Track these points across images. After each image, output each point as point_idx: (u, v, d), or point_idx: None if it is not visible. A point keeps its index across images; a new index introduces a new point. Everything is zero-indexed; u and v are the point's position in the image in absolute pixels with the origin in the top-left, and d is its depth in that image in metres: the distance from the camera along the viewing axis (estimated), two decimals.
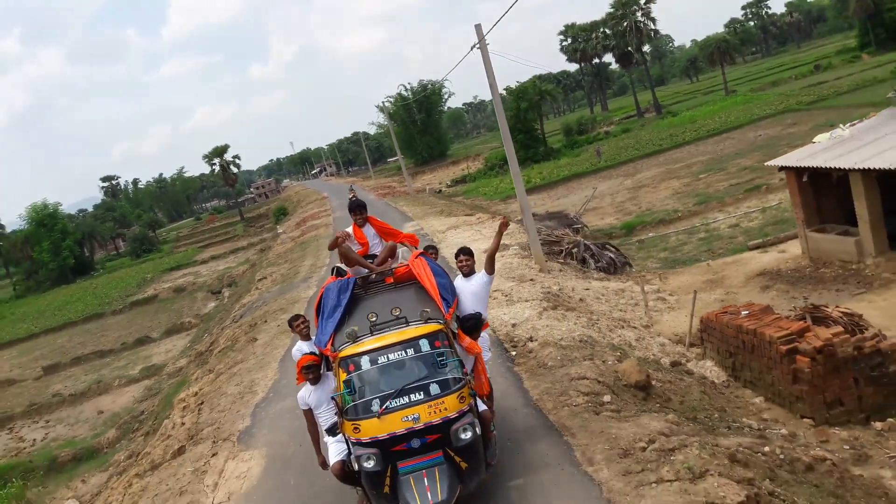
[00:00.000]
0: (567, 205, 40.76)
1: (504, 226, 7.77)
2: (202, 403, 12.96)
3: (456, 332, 6.82)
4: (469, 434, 5.93)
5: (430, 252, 7.65)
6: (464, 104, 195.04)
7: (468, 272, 7.42)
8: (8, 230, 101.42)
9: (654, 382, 9.36)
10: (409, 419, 5.88)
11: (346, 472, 6.33)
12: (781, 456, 7.35)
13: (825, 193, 16.90)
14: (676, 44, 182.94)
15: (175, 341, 33.77)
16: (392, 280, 7.28)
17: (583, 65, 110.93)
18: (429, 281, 6.95)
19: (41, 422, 26.14)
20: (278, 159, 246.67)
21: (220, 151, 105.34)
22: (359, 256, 7.70)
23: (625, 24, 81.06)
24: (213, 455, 9.76)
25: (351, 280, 7.23)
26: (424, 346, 6.24)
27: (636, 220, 32.36)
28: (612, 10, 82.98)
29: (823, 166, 15.47)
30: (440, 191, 64.56)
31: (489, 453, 6.44)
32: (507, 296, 14.26)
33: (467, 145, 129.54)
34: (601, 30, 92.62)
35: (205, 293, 48.93)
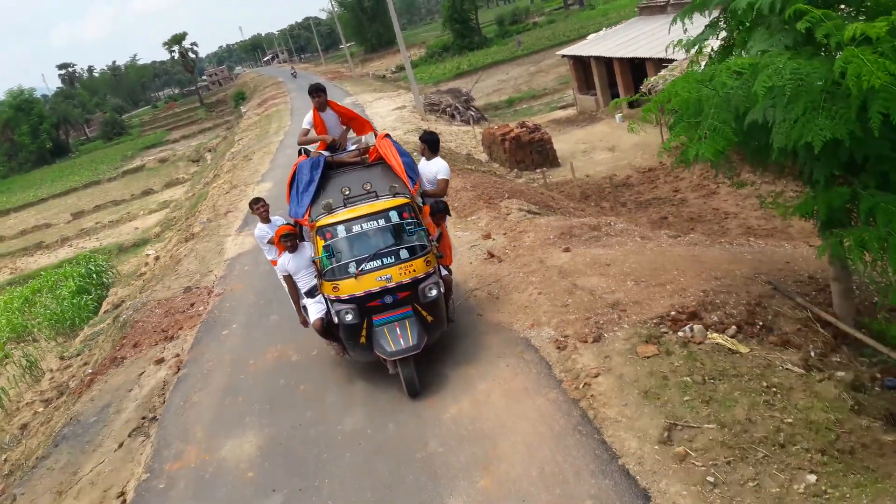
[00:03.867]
0: (480, 87, 52.04)
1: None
2: (229, 189, 24.48)
3: (421, 206, 7.55)
4: (434, 292, 6.80)
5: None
6: None
7: (430, 157, 8.11)
8: None
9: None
10: (383, 279, 6.66)
11: (325, 328, 7.15)
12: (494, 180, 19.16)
13: (588, 71, 28.64)
14: None
15: (175, 190, 44.72)
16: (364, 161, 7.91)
17: None
18: (395, 160, 7.57)
19: (92, 239, 37.42)
20: (228, 46, 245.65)
21: (178, 39, 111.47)
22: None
23: None
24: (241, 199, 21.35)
25: (321, 158, 7.81)
26: (394, 216, 6.95)
27: (516, 96, 44.03)
28: None
29: (578, 55, 27.13)
30: (383, 76, 74.24)
31: (449, 311, 7.42)
32: (394, 129, 25.80)
33: (416, 32, 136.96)
34: None
35: (186, 162, 59.33)
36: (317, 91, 8.45)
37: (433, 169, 8.07)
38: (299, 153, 8.35)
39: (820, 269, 8.90)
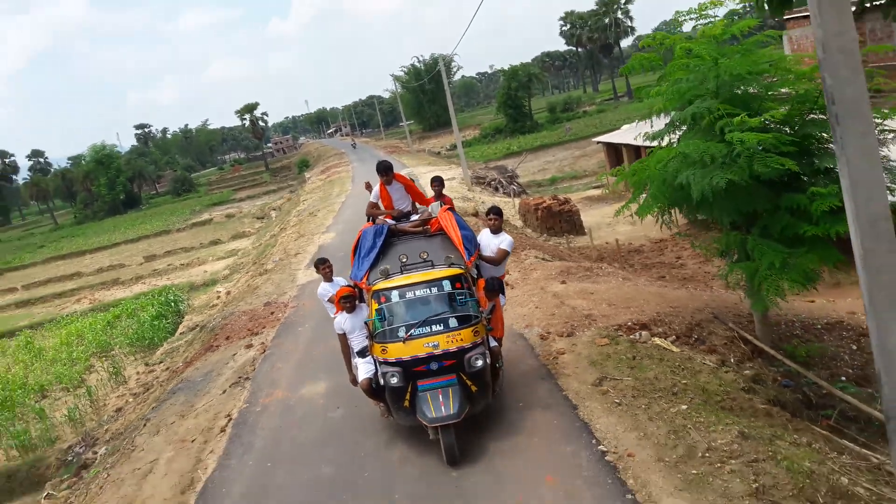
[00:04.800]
0: (526, 166, 55.75)
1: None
2: (297, 238, 27.95)
3: (476, 279, 7.97)
4: (480, 362, 6.99)
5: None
6: (477, 73, 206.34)
7: (495, 230, 8.40)
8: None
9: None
10: (430, 346, 6.93)
11: (373, 388, 7.45)
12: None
13: (619, 155, 31.75)
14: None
15: (241, 242, 48.83)
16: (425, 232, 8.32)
17: (578, 49, 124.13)
18: (454, 232, 7.97)
19: (163, 278, 41.39)
20: (293, 117, 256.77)
21: (251, 108, 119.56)
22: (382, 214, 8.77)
23: (606, 20, 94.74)
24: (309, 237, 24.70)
25: (385, 226, 8.35)
26: (447, 286, 7.29)
27: (559, 176, 47.45)
28: (595, 7, 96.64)
29: (611, 141, 30.34)
30: (438, 152, 78.96)
31: (496, 383, 7.66)
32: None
33: (473, 114, 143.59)
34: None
35: (251, 218, 64.02)
36: (385, 170, 8.71)
37: (497, 241, 8.33)
38: (368, 218, 8.91)
39: None
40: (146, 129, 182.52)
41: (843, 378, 10.49)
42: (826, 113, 8.27)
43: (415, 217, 8.82)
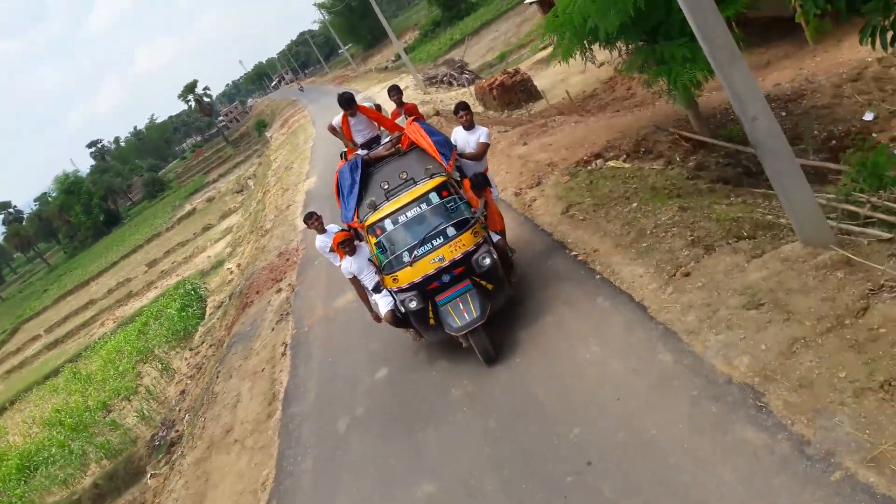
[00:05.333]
0: (474, 51, 55.87)
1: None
2: (283, 193, 29.16)
3: (461, 180, 7.95)
4: (488, 260, 7.07)
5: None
6: None
7: (468, 125, 8.30)
8: None
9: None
10: (437, 260, 7.02)
11: (397, 318, 7.61)
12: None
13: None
14: None
15: (231, 219, 49.98)
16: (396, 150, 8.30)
17: None
18: (426, 142, 7.91)
19: (173, 276, 42.88)
20: (234, 82, 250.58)
21: (191, 87, 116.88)
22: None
23: None
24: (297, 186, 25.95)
25: (358, 159, 8.27)
26: (434, 198, 7.33)
27: (506, 50, 47.70)
28: None
29: None
30: (386, 67, 78.31)
31: (511, 274, 7.83)
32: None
33: (408, 16, 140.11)
34: None
35: (231, 194, 64.85)
36: (346, 102, 8.55)
37: (475, 136, 8.28)
38: (341, 156, 8.86)
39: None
40: (99, 145, 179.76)
41: None
42: None
43: (385, 140, 8.81)
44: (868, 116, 12.03)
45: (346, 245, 7.67)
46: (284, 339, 11.22)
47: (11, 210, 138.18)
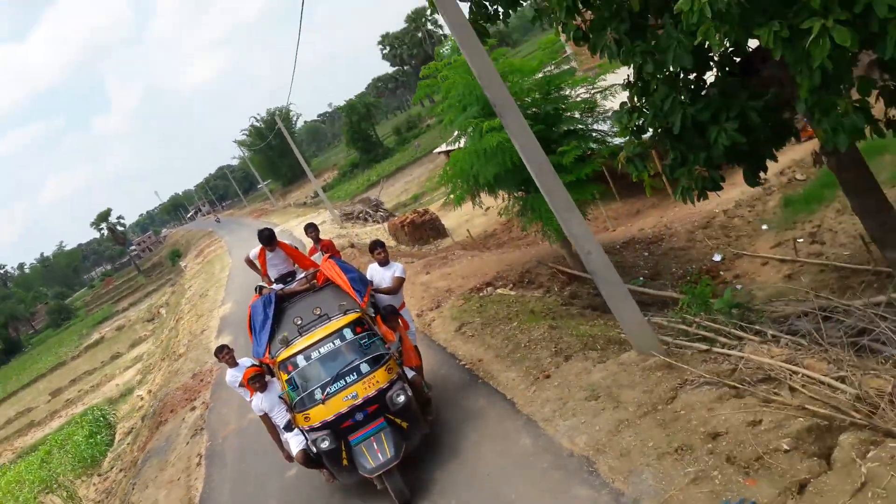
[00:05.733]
0: (390, 191, 59.11)
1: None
2: (197, 319, 29.66)
3: (374, 317, 7.86)
4: (402, 398, 6.97)
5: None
6: (318, 115, 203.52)
7: (383, 262, 8.64)
8: None
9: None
10: (350, 398, 6.88)
11: (309, 458, 7.32)
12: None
13: None
14: None
15: (141, 347, 49.10)
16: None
17: (404, 67, 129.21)
18: (340, 278, 7.92)
19: (79, 405, 41.37)
20: (149, 212, 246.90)
21: (104, 216, 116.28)
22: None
23: (419, 34, 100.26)
24: (203, 331, 26.62)
25: (272, 294, 8.22)
26: (348, 334, 7.27)
27: (419, 192, 51.00)
28: (405, 24, 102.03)
29: (445, 150, 34.01)
30: (304, 202, 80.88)
31: (427, 411, 7.74)
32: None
33: (328, 157, 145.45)
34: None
35: (142, 323, 63.65)
36: (266, 238, 8.66)
37: (390, 272, 8.58)
38: (255, 290, 8.72)
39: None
40: (1, 271, 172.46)
41: (641, 277, 14.16)
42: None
43: (300, 276, 8.84)
44: (717, 258, 14.46)
45: (257, 381, 7.56)
46: (199, 451, 11.91)
47: None
